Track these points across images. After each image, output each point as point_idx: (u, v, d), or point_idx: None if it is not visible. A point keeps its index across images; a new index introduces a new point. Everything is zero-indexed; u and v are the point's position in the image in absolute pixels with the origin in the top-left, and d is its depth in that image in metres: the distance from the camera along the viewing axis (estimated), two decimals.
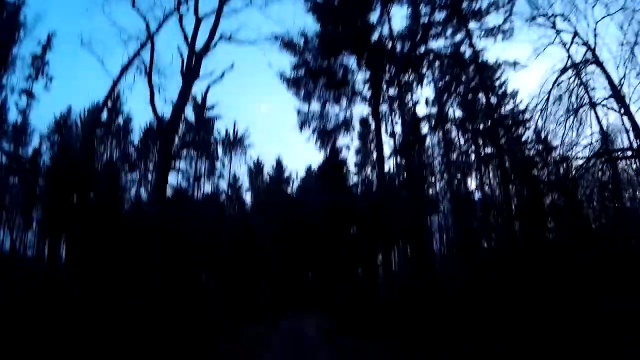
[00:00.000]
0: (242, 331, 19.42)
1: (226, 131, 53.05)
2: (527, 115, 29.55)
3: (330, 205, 51.50)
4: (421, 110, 54.90)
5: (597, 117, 18.28)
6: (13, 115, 37.27)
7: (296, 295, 56.87)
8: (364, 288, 42.36)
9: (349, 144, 35.37)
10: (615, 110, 17.95)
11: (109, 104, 45.31)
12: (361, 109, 57.63)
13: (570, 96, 18.93)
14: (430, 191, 40.25)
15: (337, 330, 20.25)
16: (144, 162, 47.36)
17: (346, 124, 31.55)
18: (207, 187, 51.82)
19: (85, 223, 33.17)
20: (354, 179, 55.22)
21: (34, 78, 35.63)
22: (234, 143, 52.27)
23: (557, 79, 19.22)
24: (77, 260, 32.65)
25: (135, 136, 49.45)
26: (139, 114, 67.55)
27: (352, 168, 55.32)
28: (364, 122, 39.76)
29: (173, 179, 52.48)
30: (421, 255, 24.33)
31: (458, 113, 35.01)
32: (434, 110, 33.84)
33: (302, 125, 31.83)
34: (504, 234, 30.65)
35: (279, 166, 60.96)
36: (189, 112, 47.93)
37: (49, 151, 41.76)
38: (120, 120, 46.79)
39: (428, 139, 36.43)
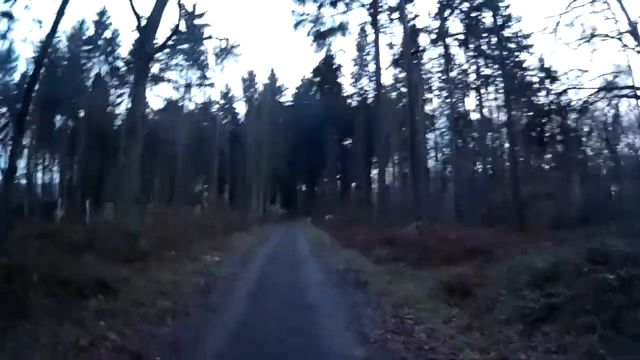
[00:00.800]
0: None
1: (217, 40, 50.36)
2: (531, 41, 28.72)
3: (325, 114, 51.08)
4: (422, 23, 51.58)
5: (608, 52, 17.57)
6: None
7: (288, 206, 58.28)
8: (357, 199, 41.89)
9: (344, 49, 33.67)
10: (630, 48, 17.22)
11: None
12: (358, 16, 54.75)
13: (582, 25, 17.96)
14: (427, 107, 39.54)
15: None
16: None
17: (342, 28, 30.16)
18: (200, 99, 50.53)
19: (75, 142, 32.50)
20: (349, 91, 54.64)
21: None
22: (225, 51, 49.77)
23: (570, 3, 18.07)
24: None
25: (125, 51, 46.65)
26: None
27: (347, 79, 54.41)
28: (361, 30, 38.63)
29: (164, 90, 50.76)
30: (415, 169, 24.36)
31: (460, 30, 33.18)
32: (436, 24, 32.18)
33: (297, 25, 30.75)
34: (500, 157, 31.10)
35: (272, 76, 58.98)
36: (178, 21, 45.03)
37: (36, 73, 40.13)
38: (108, 34, 43.99)
39: (427, 55, 34.96)
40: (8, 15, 32.32)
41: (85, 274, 7.09)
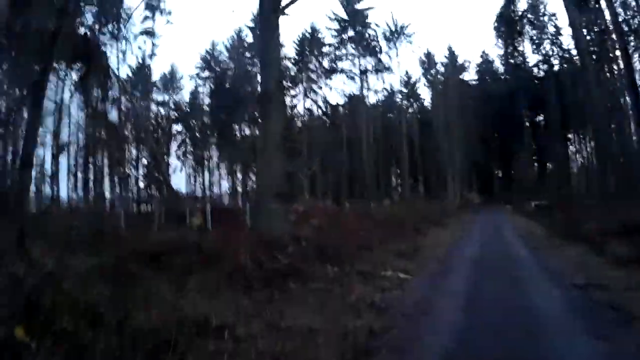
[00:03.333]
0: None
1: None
2: None
3: (512, 88, 45.80)
4: None
5: None
6: None
7: (484, 193, 50.91)
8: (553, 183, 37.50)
9: None
10: None
11: None
12: None
13: None
14: None
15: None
16: None
17: None
18: (380, 87, 48.34)
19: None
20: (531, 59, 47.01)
21: None
22: (396, 34, 45.77)
23: None
24: None
25: None
26: None
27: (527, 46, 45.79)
28: None
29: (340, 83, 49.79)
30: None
31: None
32: None
33: None
34: None
35: (451, 54, 52.37)
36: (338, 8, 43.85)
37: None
38: None
39: None
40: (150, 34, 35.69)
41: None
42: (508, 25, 46.92)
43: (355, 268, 7.80)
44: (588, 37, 34.49)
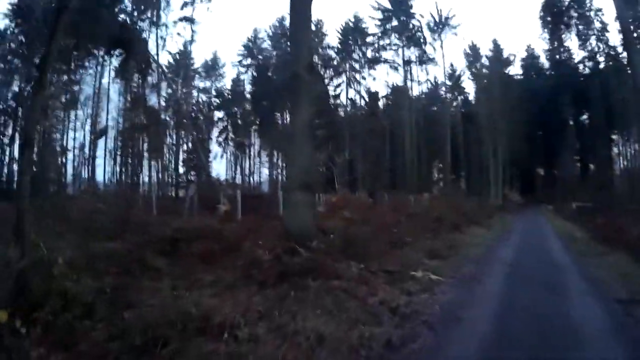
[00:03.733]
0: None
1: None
2: None
3: (557, 85, 43.77)
4: None
5: None
6: None
7: (526, 192, 48.68)
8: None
9: None
10: None
11: None
12: None
13: None
14: None
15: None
16: None
17: None
18: (423, 78, 47.02)
19: None
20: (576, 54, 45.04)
21: None
22: (440, 25, 44.11)
23: None
24: None
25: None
26: None
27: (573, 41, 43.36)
28: None
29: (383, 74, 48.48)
30: None
31: None
32: None
33: None
34: None
35: (496, 47, 49.78)
36: None
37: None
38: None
39: None
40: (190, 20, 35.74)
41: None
42: (554, 16, 44.52)
43: (382, 266, 7.25)
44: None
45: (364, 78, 45.21)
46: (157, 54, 34.11)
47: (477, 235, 14.47)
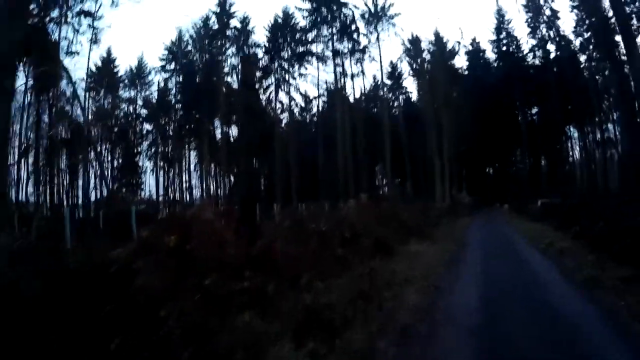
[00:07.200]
0: None
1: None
2: None
3: (505, 78, 42.34)
4: None
5: None
6: None
7: (475, 193, 45.66)
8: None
9: None
10: None
11: None
12: None
13: None
14: None
15: None
16: None
17: None
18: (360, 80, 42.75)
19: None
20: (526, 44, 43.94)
21: None
22: (376, 15, 40.02)
23: None
24: None
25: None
26: None
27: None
28: None
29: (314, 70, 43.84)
30: None
31: None
32: None
33: None
34: None
35: (438, 39, 46.21)
36: None
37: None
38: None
39: None
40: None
41: None
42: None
43: None
44: None
45: (294, 78, 40.56)
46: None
47: (417, 257, 9.51)
